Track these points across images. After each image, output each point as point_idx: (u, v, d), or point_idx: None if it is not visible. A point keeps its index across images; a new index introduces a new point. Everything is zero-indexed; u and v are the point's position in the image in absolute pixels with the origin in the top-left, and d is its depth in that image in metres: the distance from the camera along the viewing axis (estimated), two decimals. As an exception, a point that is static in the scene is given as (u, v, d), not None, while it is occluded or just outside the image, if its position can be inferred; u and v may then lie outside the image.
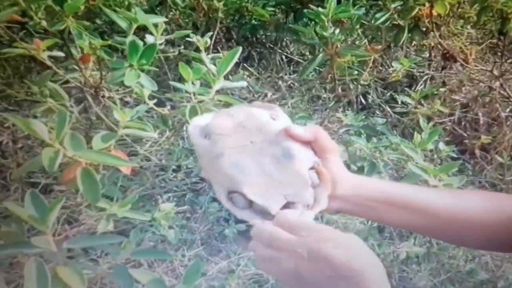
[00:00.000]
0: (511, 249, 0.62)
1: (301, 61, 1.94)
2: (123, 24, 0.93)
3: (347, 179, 0.59)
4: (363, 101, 1.81)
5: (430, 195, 0.62)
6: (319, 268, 0.47)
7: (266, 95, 1.73)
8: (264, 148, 0.56)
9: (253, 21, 1.84)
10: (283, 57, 1.94)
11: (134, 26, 0.93)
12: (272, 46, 1.94)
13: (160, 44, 0.96)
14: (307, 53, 1.99)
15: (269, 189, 0.54)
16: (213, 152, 0.55)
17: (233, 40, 1.91)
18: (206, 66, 1.03)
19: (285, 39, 1.97)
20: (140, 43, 0.88)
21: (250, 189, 0.54)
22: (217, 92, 1.03)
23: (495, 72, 1.54)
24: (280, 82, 1.81)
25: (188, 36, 1.13)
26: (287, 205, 0.55)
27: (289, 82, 1.85)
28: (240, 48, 0.98)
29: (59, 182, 1.17)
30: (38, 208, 0.71)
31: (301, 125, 0.59)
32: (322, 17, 1.13)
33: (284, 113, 0.62)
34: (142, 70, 0.92)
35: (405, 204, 0.59)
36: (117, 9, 1.02)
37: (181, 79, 1.09)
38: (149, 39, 0.94)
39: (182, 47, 1.53)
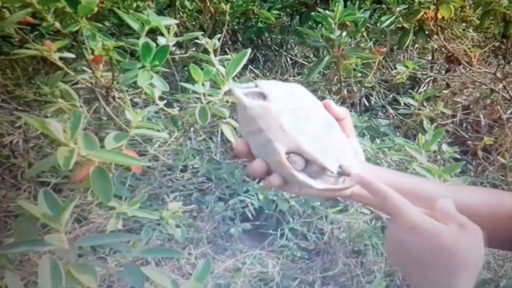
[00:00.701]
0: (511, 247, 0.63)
1: (305, 63, 1.96)
2: (135, 26, 0.96)
3: (364, 162, 0.61)
4: (366, 102, 1.83)
5: (436, 188, 0.64)
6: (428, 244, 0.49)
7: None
8: (312, 115, 0.58)
9: (259, 23, 1.86)
10: (288, 59, 1.96)
11: (147, 28, 0.95)
12: (277, 48, 1.97)
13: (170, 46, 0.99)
14: (311, 55, 2.02)
15: (324, 150, 0.56)
16: (274, 110, 0.56)
17: (239, 42, 1.93)
18: (216, 68, 1.05)
19: (290, 42, 1.99)
20: (153, 44, 0.90)
21: (310, 148, 0.55)
22: (225, 93, 1.06)
23: (499, 75, 1.56)
24: (285, 84, 1.82)
25: (196, 38, 1.15)
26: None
27: (293, 84, 1.87)
28: (249, 50, 1.00)
29: (72, 181, 1.20)
30: (51, 207, 0.72)
31: None
32: (330, 20, 1.16)
33: None
34: (155, 72, 0.94)
35: (412, 192, 0.60)
36: (130, 11, 1.05)
37: (188, 80, 1.11)
38: (161, 40, 0.97)
39: (190, 48, 1.56)
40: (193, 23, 1.75)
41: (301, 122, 0.57)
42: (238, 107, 0.59)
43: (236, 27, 1.86)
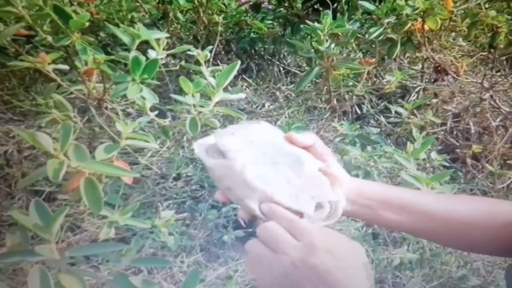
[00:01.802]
0: (502, 253, 0.64)
1: (298, 72, 1.99)
2: (126, 39, 0.98)
3: (348, 181, 0.62)
4: (358, 111, 1.86)
5: (427, 198, 0.65)
6: (306, 276, 0.49)
7: (264, 105, 1.77)
8: (276, 157, 0.58)
9: (252, 34, 1.89)
10: (281, 68, 1.99)
11: (137, 41, 0.97)
12: (270, 58, 1.99)
13: (162, 58, 1.01)
14: (304, 65, 2.04)
15: (297, 194, 0.56)
16: (236, 168, 0.56)
17: (232, 52, 1.96)
18: (206, 79, 1.07)
19: (282, 51, 2.02)
20: (143, 58, 0.92)
21: (282, 197, 0.55)
22: (217, 103, 1.08)
23: (485, 84, 1.59)
24: (277, 93, 1.86)
25: (189, 50, 1.17)
26: (317, 206, 0.57)
27: (286, 93, 1.90)
28: (239, 62, 1.02)
29: (63, 191, 1.21)
30: (42, 217, 0.73)
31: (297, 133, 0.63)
32: (319, 32, 1.18)
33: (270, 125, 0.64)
34: (144, 84, 0.96)
35: (402, 205, 0.62)
36: (121, 25, 1.07)
37: (181, 90, 1.13)
38: (152, 54, 0.98)
39: (183, 59, 1.58)
40: (187, 33, 1.78)
41: (266, 170, 0.56)
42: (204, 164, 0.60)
43: (229, 37, 1.89)
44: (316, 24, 1.23)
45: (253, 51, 2.01)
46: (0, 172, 1.53)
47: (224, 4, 1.61)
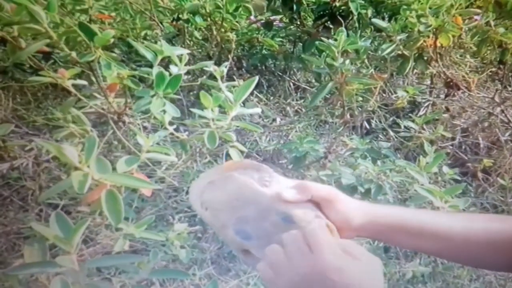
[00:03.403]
0: None
1: (307, 88, 2.02)
2: (149, 55, 1.00)
3: (359, 209, 0.61)
4: (367, 126, 1.88)
5: (444, 219, 0.64)
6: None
7: (275, 120, 1.80)
8: (262, 216, 0.57)
9: (263, 51, 1.93)
10: (291, 84, 2.02)
11: (160, 57, 0.99)
12: (280, 74, 2.02)
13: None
14: (313, 81, 2.07)
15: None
16: (217, 223, 0.58)
17: (243, 69, 1.99)
18: (224, 94, 1.09)
19: (293, 68, 2.05)
20: (167, 73, 0.95)
21: (259, 251, 0.55)
22: (233, 118, 1.09)
23: (496, 99, 1.61)
24: (288, 108, 1.88)
25: (206, 66, 1.19)
26: None
27: (296, 108, 1.93)
28: (257, 78, 1.04)
29: (82, 203, 1.22)
30: (63, 229, 0.75)
31: (288, 181, 0.61)
32: (333, 48, 1.21)
33: (274, 172, 0.62)
34: (166, 98, 0.98)
35: (418, 231, 0.61)
36: (143, 41, 1.09)
37: (194, 105, 1.15)
38: (173, 69, 1.01)
39: (196, 75, 1.61)
40: (200, 50, 1.81)
41: (248, 228, 0.57)
42: None
43: (241, 54, 1.92)
44: (330, 41, 1.25)
45: (264, 67, 2.04)
46: (14, 185, 1.55)
47: (237, 22, 1.64)
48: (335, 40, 1.21)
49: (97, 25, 1.48)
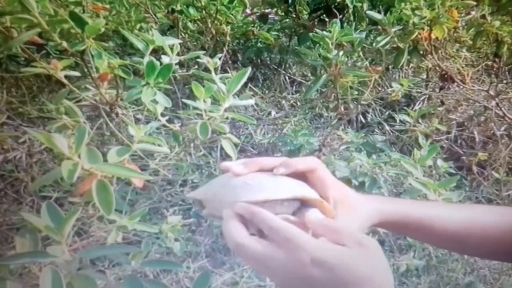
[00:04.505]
0: None
1: (303, 81, 2.01)
2: (140, 45, 1.00)
3: (365, 207, 0.57)
4: (362, 119, 1.87)
5: (443, 213, 0.62)
6: (321, 275, 0.44)
7: (270, 113, 1.79)
8: None
9: (259, 44, 1.92)
10: (286, 77, 2.01)
11: (151, 47, 0.99)
12: (276, 67, 2.02)
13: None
14: (309, 74, 2.07)
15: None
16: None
17: (239, 62, 1.99)
18: (217, 85, 1.09)
19: (288, 61, 2.05)
20: (157, 63, 0.94)
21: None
22: (226, 109, 1.09)
23: (491, 92, 1.60)
24: (283, 102, 1.88)
25: (198, 57, 1.19)
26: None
27: (291, 101, 1.92)
28: (249, 69, 1.04)
29: (75, 194, 1.22)
30: (54, 219, 0.74)
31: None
32: (327, 40, 1.20)
33: None
34: (158, 88, 0.98)
35: (421, 227, 0.60)
36: (135, 31, 1.09)
37: (189, 98, 1.15)
38: (165, 59, 1.00)
39: (191, 67, 1.60)
40: (195, 43, 1.81)
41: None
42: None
43: (236, 47, 1.92)
44: (324, 32, 1.25)
45: (259, 60, 2.04)
46: (8, 177, 1.54)
47: (232, 15, 1.64)
48: (330, 32, 1.21)
49: (93, 18, 1.47)
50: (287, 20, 1.81)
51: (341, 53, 1.24)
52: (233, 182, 0.52)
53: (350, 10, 1.63)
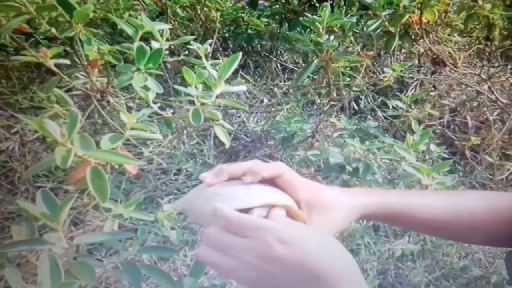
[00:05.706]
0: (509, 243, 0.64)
1: (295, 68, 2.00)
2: (129, 30, 0.99)
3: (344, 205, 0.56)
4: (355, 106, 1.88)
5: (437, 200, 0.63)
6: (279, 272, 0.45)
7: (262, 101, 1.79)
8: None
9: (249, 30, 1.91)
10: (278, 65, 2.00)
11: (140, 32, 0.98)
12: (267, 54, 2.01)
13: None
14: (301, 61, 2.06)
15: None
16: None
17: (229, 49, 1.98)
18: (208, 71, 1.08)
19: (279, 48, 2.04)
20: (147, 48, 0.93)
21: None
22: (218, 96, 1.09)
23: (483, 76, 1.61)
24: (275, 89, 1.87)
25: (188, 43, 1.18)
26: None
27: (284, 89, 1.92)
28: (240, 54, 1.03)
29: (69, 182, 1.21)
30: (49, 206, 0.74)
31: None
32: (318, 24, 1.19)
33: None
34: (149, 74, 0.97)
35: (410, 221, 0.60)
36: (124, 16, 1.08)
37: (180, 86, 1.14)
38: (155, 45, 0.99)
39: (182, 54, 1.59)
40: (184, 31, 1.79)
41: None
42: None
43: (226, 34, 1.90)
44: (314, 17, 1.24)
45: (250, 47, 2.03)
46: (1, 168, 1.54)
47: (221, 1, 1.62)
48: (320, 16, 1.20)
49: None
50: (277, 6, 1.80)
51: (332, 37, 1.23)
52: (207, 193, 0.55)
53: (341, -5, 1.63)
